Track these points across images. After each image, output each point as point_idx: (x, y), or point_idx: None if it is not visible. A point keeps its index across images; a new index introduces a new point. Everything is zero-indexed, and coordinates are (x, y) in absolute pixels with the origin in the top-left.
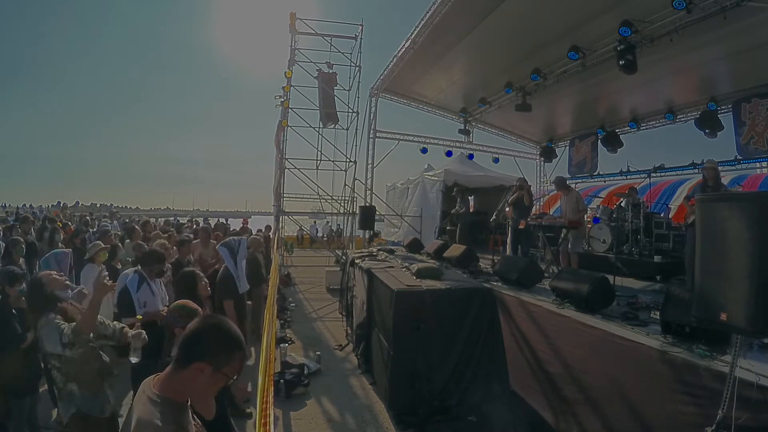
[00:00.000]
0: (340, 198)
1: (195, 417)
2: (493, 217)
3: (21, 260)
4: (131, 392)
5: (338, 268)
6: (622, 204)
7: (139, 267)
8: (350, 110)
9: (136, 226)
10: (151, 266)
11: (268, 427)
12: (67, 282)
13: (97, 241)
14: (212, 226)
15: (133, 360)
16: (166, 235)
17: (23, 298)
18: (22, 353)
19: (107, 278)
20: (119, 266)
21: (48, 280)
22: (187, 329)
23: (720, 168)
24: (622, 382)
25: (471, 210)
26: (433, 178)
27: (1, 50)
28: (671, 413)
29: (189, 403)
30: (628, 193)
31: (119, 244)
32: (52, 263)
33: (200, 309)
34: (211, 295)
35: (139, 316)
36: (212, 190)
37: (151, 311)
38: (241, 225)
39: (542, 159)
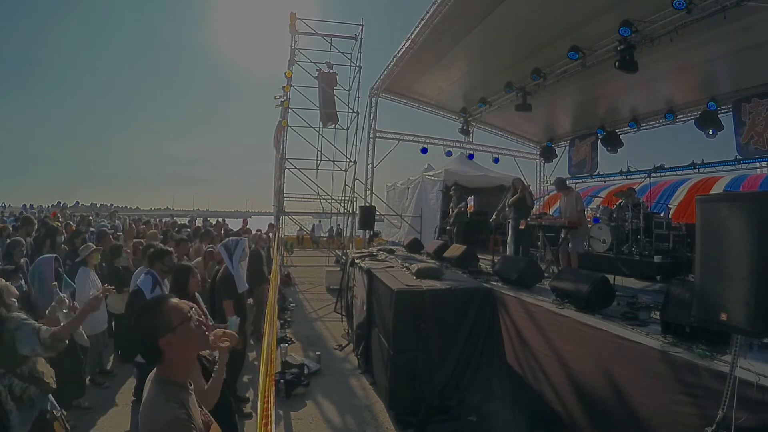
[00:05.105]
0: (340, 198)
1: (202, 407)
2: (493, 217)
3: (23, 261)
4: (132, 390)
5: (338, 268)
6: (622, 204)
7: (149, 267)
8: (350, 110)
9: (133, 225)
10: (162, 263)
11: (269, 428)
12: (15, 296)
13: (89, 243)
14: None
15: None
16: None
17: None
18: None
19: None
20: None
21: (6, 290)
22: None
23: (720, 168)
24: (622, 382)
25: (470, 210)
26: (433, 178)
27: (1, 50)
28: (671, 413)
29: (192, 387)
30: (627, 193)
31: (122, 245)
32: (35, 275)
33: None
34: (211, 295)
35: None
36: (212, 190)
37: None
38: (241, 225)
39: (542, 159)
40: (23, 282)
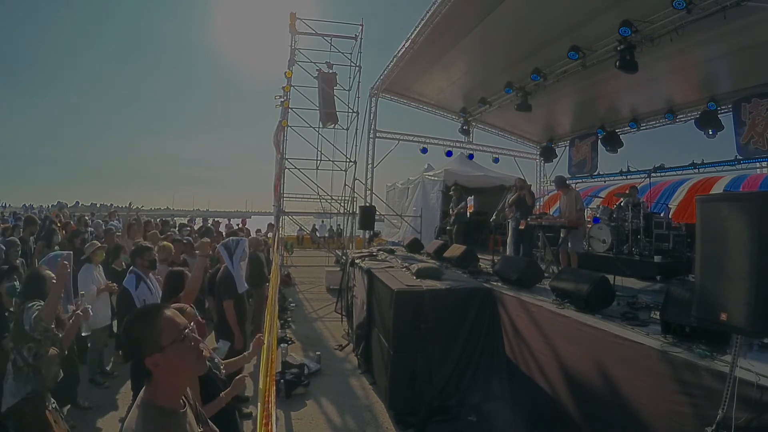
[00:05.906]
0: (340, 198)
1: (209, 423)
2: (493, 217)
3: (18, 261)
4: (131, 391)
5: (338, 268)
6: (622, 204)
7: (132, 266)
8: (350, 110)
9: (134, 223)
10: (142, 258)
11: (270, 427)
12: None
13: (94, 241)
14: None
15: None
16: (163, 236)
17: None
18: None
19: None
20: (121, 267)
21: (48, 277)
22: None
23: (720, 168)
24: (622, 382)
25: (470, 210)
26: (433, 178)
27: (1, 50)
28: (671, 413)
29: (186, 408)
30: (629, 192)
31: (123, 245)
32: (52, 265)
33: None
34: (211, 295)
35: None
36: (212, 190)
37: None
38: (239, 225)
39: (542, 159)
40: (16, 282)
